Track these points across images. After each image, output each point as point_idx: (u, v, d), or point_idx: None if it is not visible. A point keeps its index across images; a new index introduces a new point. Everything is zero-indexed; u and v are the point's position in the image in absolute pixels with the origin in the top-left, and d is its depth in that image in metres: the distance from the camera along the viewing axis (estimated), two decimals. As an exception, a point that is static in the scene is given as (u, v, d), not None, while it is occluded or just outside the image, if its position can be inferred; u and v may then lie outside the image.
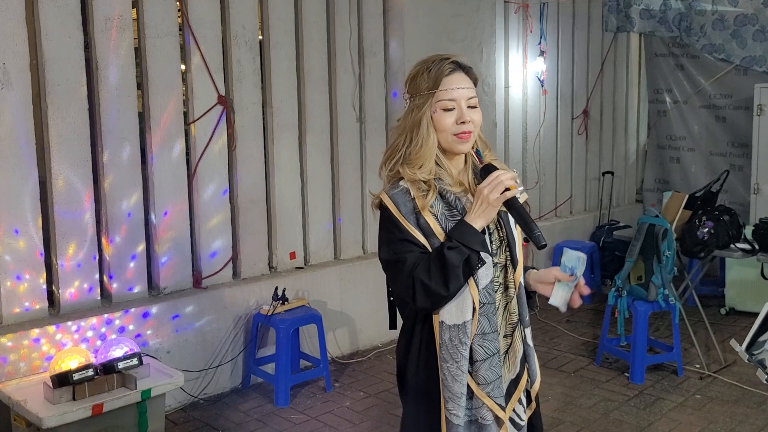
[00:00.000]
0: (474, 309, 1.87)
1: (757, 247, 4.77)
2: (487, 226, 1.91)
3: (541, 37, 6.58)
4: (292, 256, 4.90)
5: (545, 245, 1.82)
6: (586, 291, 1.93)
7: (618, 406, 4.18)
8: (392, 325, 2.08)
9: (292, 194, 4.88)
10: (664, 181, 7.75)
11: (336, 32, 5.01)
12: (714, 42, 6.73)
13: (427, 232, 1.87)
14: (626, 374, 4.61)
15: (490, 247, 1.91)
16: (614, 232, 6.82)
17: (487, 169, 1.89)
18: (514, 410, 1.97)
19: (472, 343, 1.88)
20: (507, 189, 1.82)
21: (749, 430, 3.84)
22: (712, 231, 4.75)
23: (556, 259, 6.55)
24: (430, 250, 1.87)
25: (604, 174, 7.47)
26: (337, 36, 5.02)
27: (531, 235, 1.83)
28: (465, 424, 1.90)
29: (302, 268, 4.94)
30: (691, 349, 4.93)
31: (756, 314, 2.27)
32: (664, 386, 4.45)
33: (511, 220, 1.97)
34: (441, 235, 1.87)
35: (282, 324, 4.26)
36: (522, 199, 1.91)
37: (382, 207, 1.93)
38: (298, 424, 4.02)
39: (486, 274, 1.89)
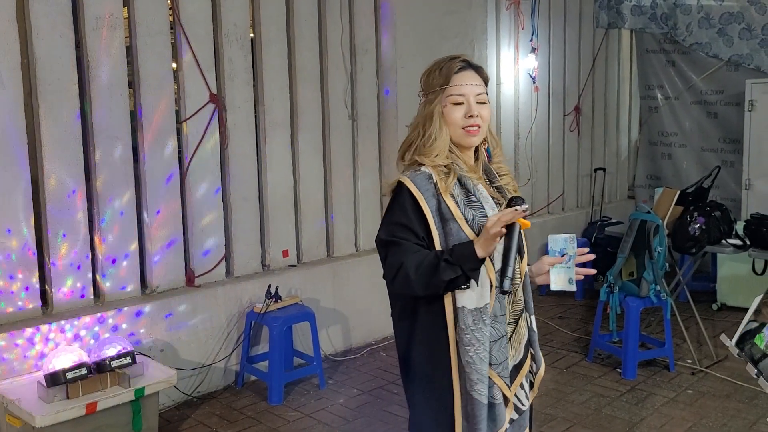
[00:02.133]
0: (492, 290, 1.93)
1: (748, 242, 4.79)
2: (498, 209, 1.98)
3: (532, 34, 6.59)
4: (285, 254, 4.90)
5: (507, 292, 1.84)
6: (587, 258, 1.98)
7: (610, 402, 4.20)
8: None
9: (285, 192, 4.89)
10: (656, 177, 7.78)
11: (328, 29, 5.01)
12: (701, 41, 6.76)
13: (447, 216, 1.94)
14: (618, 370, 4.63)
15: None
16: (606, 229, 6.84)
17: (513, 201, 1.88)
18: (515, 395, 2.04)
19: None
20: (511, 225, 1.83)
21: (741, 424, 3.86)
22: (704, 227, 4.78)
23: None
24: (436, 238, 1.92)
25: (596, 170, 7.49)
26: (329, 33, 5.02)
27: (501, 275, 1.84)
28: None
29: (295, 266, 4.95)
30: (682, 344, 4.96)
31: (747, 309, 2.28)
32: (656, 381, 4.48)
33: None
34: (461, 219, 1.93)
35: (275, 322, 4.27)
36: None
37: (398, 189, 1.98)
38: (292, 421, 4.03)
39: (499, 258, 1.91)
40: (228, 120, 4.51)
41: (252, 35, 4.69)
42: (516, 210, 1.80)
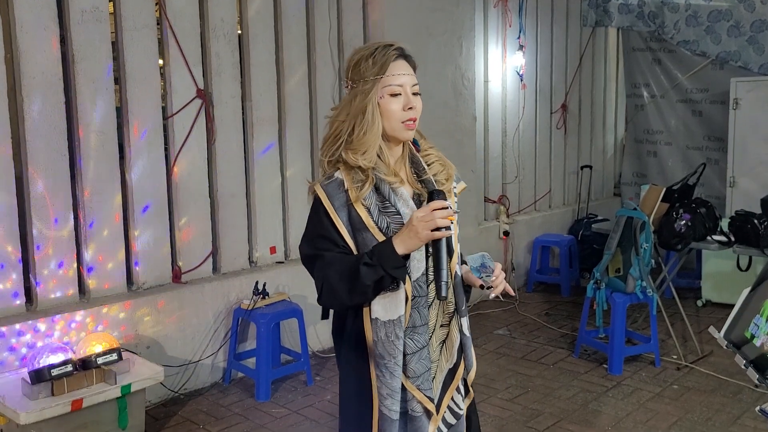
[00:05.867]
0: (407, 302, 1.85)
1: (733, 239, 4.84)
2: None
3: (520, 32, 6.61)
4: (273, 250, 4.89)
5: (444, 298, 1.80)
6: (497, 288, 1.92)
7: (596, 397, 4.22)
8: (324, 316, 2.06)
9: (272, 188, 4.87)
10: (642, 175, 7.83)
11: (315, 25, 4.99)
12: (688, 38, 6.81)
13: (359, 225, 1.85)
14: (605, 365, 4.66)
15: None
16: (593, 226, 6.89)
17: (432, 196, 1.81)
18: (452, 399, 1.97)
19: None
20: (440, 228, 1.77)
21: (726, 419, 3.90)
22: (689, 223, 4.81)
23: (535, 253, 6.61)
24: (354, 247, 1.85)
25: (582, 168, 7.53)
26: (317, 29, 5.00)
27: (436, 281, 1.80)
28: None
29: (282, 262, 4.93)
30: (668, 340, 5.00)
31: (732, 305, 2.30)
32: (642, 377, 4.51)
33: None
34: (373, 228, 1.84)
35: (263, 318, 4.25)
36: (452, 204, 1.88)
37: (315, 198, 1.91)
38: (280, 418, 4.01)
39: (418, 267, 1.85)
40: (215, 115, 4.49)
41: (239, 31, 4.67)
42: (445, 212, 1.74)
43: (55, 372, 3.29)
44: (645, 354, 4.77)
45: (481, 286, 1.90)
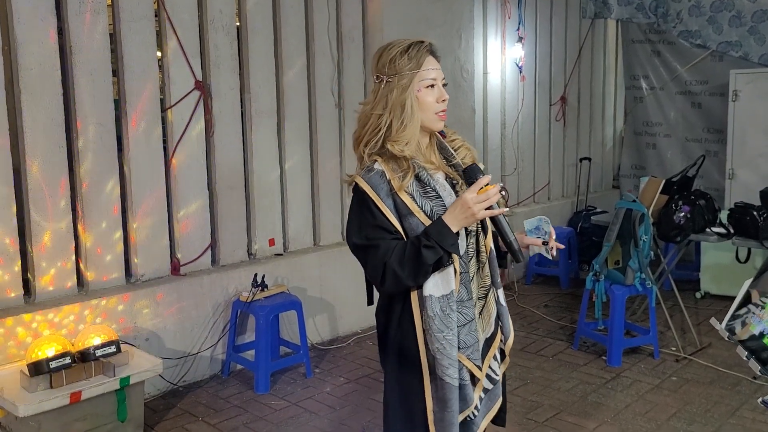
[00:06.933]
0: (456, 275, 1.98)
1: (732, 231, 4.83)
2: (456, 194, 2.02)
3: (519, 23, 6.59)
4: (272, 242, 4.88)
5: (522, 261, 2.02)
6: (554, 245, 2.12)
7: (596, 389, 4.23)
8: (370, 302, 2.18)
9: (271, 180, 4.86)
10: (641, 167, 7.83)
11: (314, 17, 4.97)
12: (690, 28, 6.79)
13: (405, 211, 1.96)
14: (604, 357, 4.66)
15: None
16: (592, 218, 6.89)
17: (471, 171, 1.97)
18: (489, 366, 2.11)
19: None
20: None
21: (724, 410, 3.90)
22: (689, 215, 4.81)
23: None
24: (402, 233, 1.95)
25: (581, 160, 7.52)
26: (315, 21, 4.98)
27: (510, 250, 1.99)
28: None
29: (281, 254, 4.93)
30: (667, 332, 5.00)
31: (730, 297, 2.30)
32: (641, 369, 4.51)
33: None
34: (419, 213, 1.95)
35: (262, 311, 4.25)
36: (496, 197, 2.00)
37: (357, 190, 1.99)
38: (279, 410, 4.02)
39: (461, 245, 1.99)
40: (214, 107, 4.47)
41: (238, 22, 4.65)
42: (495, 190, 1.90)
43: (53, 364, 3.28)
44: (644, 346, 4.78)
45: (544, 243, 2.09)
